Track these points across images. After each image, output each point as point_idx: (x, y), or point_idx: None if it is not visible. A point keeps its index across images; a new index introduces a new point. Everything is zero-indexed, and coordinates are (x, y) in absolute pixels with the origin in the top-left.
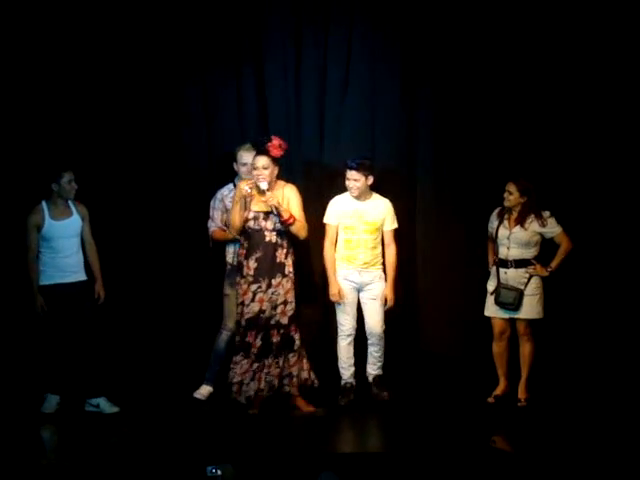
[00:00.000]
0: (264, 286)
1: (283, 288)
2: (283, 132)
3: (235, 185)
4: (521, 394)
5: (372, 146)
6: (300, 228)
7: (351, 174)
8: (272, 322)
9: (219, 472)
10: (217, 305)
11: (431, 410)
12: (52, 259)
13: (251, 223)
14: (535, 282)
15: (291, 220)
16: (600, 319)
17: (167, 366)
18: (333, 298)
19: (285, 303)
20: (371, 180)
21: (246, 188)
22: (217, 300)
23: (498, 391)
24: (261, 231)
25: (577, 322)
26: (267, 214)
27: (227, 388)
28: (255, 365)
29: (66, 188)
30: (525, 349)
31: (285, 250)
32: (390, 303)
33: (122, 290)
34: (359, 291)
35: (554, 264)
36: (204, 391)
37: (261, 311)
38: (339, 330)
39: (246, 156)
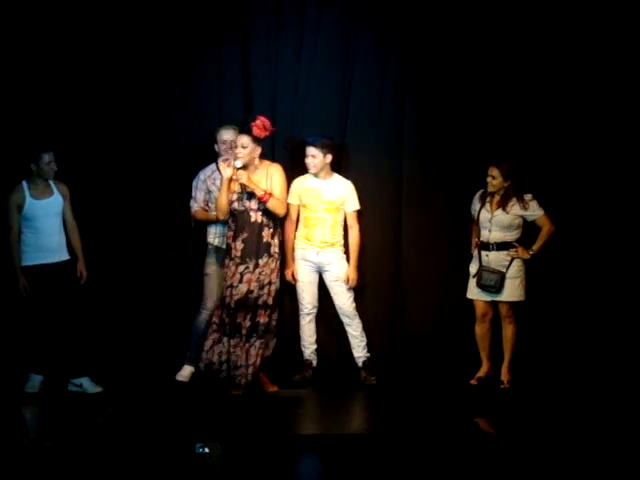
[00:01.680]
0: (251, 266)
1: (269, 268)
2: (266, 112)
3: (217, 166)
4: (504, 376)
5: (353, 128)
6: (277, 206)
7: (309, 150)
8: (259, 302)
9: (207, 450)
10: (197, 285)
11: (414, 392)
12: (34, 239)
13: (236, 205)
14: (517, 265)
15: (265, 197)
16: (582, 301)
17: (149, 346)
18: (287, 278)
19: (270, 283)
20: (329, 158)
21: (227, 170)
22: (198, 280)
23: (481, 373)
24: (246, 212)
25: (559, 304)
26: (250, 194)
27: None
28: (241, 344)
29: (45, 169)
30: (507, 331)
31: (271, 230)
32: (352, 283)
33: (103, 270)
34: (320, 272)
35: (536, 247)
36: (186, 372)
37: (249, 291)
38: (300, 309)
39: (225, 134)
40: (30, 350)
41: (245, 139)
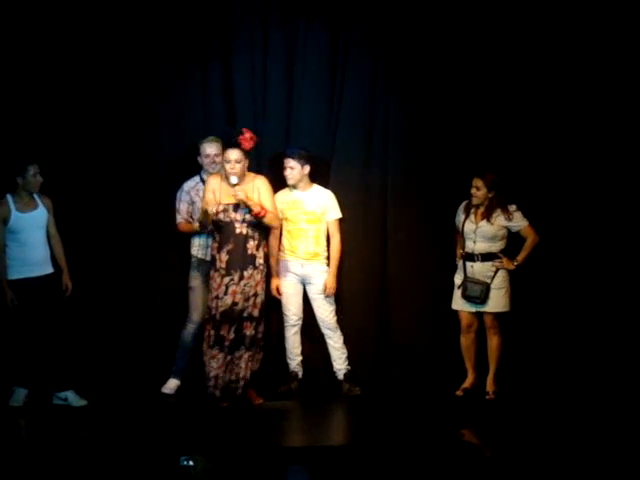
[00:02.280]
0: (236, 278)
1: (254, 280)
2: (250, 125)
3: (202, 178)
4: (489, 387)
5: (340, 139)
6: (272, 219)
7: (287, 162)
8: (244, 314)
9: (191, 463)
10: (182, 298)
11: (400, 403)
12: (19, 252)
13: (221, 216)
14: (501, 275)
15: (262, 213)
16: (567, 311)
17: (134, 359)
18: (272, 293)
19: (256, 295)
20: (307, 169)
21: (240, 194)
22: (182, 293)
23: (466, 384)
24: (231, 223)
25: (544, 315)
26: (236, 206)
27: (202, 383)
28: (228, 358)
29: (31, 181)
30: (493, 342)
31: (256, 242)
32: (330, 292)
33: (88, 283)
34: (304, 284)
35: (520, 258)
36: (172, 385)
37: (234, 303)
38: (285, 320)
39: (209, 148)
40: (15, 363)
41: (237, 154)
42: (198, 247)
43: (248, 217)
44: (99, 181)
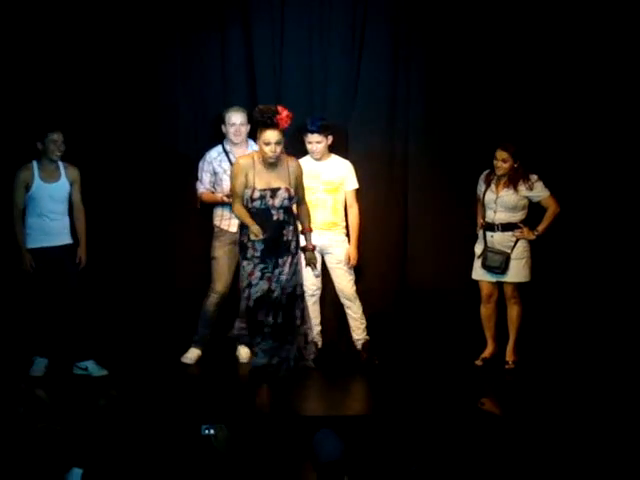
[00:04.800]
0: (270, 266)
1: (289, 266)
2: (270, 94)
3: (225, 149)
4: (509, 357)
5: (360, 108)
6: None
7: (313, 137)
8: (282, 301)
9: (212, 432)
10: (205, 268)
11: (420, 373)
12: (38, 222)
13: (257, 203)
14: (522, 246)
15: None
16: (587, 281)
17: (156, 329)
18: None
19: (290, 281)
20: (331, 139)
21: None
22: (205, 263)
23: (486, 354)
24: (268, 210)
25: (564, 285)
26: (274, 191)
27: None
28: (276, 344)
29: (50, 148)
30: (513, 312)
31: (292, 227)
32: (353, 262)
33: (110, 253)
34: (322, 254)
35: (541, 228)
36: (192, 355)
37: (270, 290)
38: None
39: (234, 116)
40: (35, 333)
41: (277, 135)
42: (221, 217)
43: (286, 202)
44: (121, 151)
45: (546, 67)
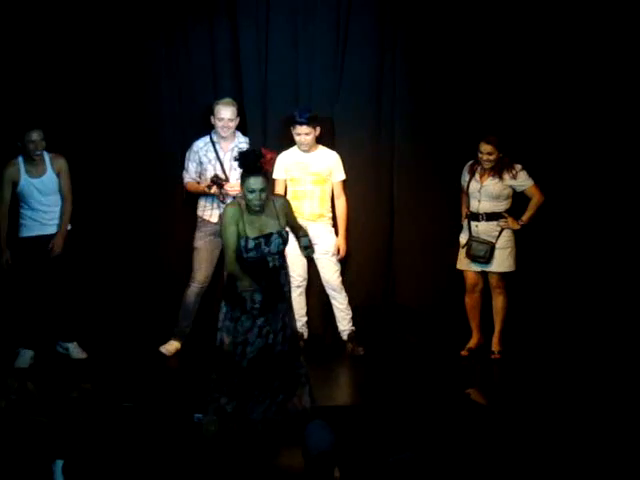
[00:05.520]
0: (270, 317)
1: (283, 309)
2: (256, 86)
3: (212, 140)
4: (494, 347)
5: (346, 99)
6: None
7: (302, 129)
8: (277, 349)
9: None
10: (188, 258)
11: (405, 363)
12: (32, 214)
13: (252, 253)
14: (506, 235)
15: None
16: (572, 271)
17: (137, 319)
18: None
19: (285, 326)
20: (319, 131)
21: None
22: (188, 253)
23: (471, 344)
24: (264, 258)
25: (549, 275)
26: (267, 237)
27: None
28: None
29: (29, 147)
30: (498, 302)
31: (285, 270)
32: (342, 253)
33: (94, 240)
34: None
35: (525, 217)
36: (171, 347)
37: (267, 345)
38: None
39: (224, 110)
40: (20, 324)
41: (262, 183)
42: (204, 208)
43: (282, 246)
44: (106, 141)
45: (530, 57)
